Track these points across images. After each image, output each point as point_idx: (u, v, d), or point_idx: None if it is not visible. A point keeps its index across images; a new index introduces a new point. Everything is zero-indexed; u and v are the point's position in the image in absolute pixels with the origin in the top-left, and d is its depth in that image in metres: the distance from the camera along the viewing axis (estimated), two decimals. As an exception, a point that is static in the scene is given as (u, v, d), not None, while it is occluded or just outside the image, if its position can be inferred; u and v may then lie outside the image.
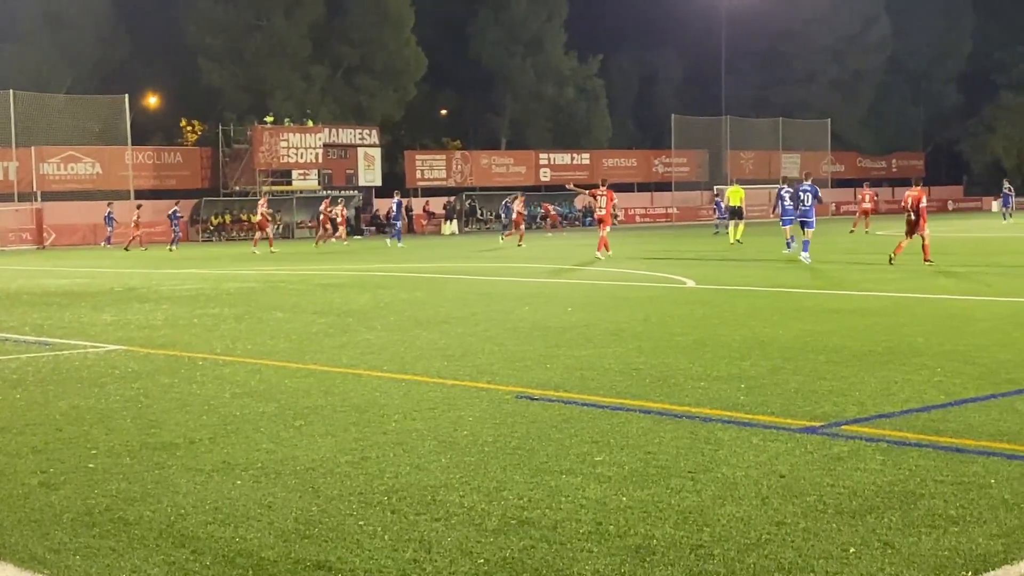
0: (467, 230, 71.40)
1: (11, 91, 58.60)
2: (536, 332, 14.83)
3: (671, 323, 15.66)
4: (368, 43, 73.71)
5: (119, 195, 60.35)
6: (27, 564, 5.76)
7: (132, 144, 63.25)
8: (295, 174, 68.07)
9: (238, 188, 67.53)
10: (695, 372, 11.17)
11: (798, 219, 31.15)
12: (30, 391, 11.02)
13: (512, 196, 64.41)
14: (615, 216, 37.85)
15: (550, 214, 67.85)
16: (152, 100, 79.34)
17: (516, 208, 47.15)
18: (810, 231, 30.31)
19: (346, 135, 71.19)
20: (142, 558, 5.79)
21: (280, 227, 63.35)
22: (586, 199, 70.43)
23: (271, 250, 44.08)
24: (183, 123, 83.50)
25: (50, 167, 61.97)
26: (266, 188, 64.23)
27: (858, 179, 75.38)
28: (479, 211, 74.45)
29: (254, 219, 65.06)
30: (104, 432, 8.94)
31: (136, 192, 61.83)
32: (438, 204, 72.55)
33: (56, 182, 62.37)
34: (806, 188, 31.18)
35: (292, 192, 67.96)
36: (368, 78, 74.92)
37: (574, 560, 5.61)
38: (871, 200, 51.47)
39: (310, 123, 69.73)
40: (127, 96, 62.24)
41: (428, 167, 75.33)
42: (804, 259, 28.93)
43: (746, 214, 42.91)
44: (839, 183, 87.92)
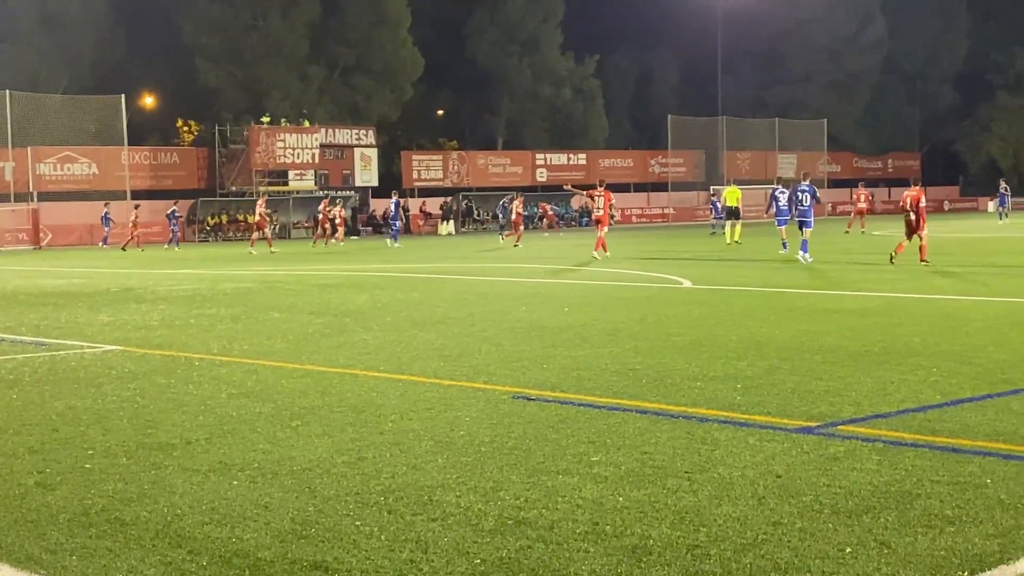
0: (464, 230, 71.41)
1: (7, 91, 58.60)
2: (533, 332, 14.83)
3: (668, 323, 15.67)
4: (365, 43, 73.70)
5: (115, 195, 60.28)
6: (23, 564, 5.76)
7: (128, 144, 63.24)
8: (291, 174, 68.03)
9: (235, 188, 67.50)
10: (691, 372, 11.18)
11: (796, 219, 31.14)
12: (26, 391, 11.02)
13: (510, 196, 64.44)
14: (611, 217, 37.88)
15: (547, 214, 67.89)
16: (148, 100, 79.28)
17: (515, 208, 47.15)
18: (808, 231, 30.30)
19: (343, 135, 71.14)
20: (138, 558, 5.79)
21: (276, 227, 63.33)
22: (582, 200, 70.58)
23: (271, 250, 44.08)
24: (180, 123, 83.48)
25: (46, 167, 61.95)
26: (264, 188, 64.21)
27: (854, 179, 75.36)
28: (476, 211, 74.46)
29: (251, 219, 65.26)
30: (101, 432, 8.93)
31: (132, 192, 61.78)
32: (435, 204, 72.55)
33: (52, 182, 62.34)
34: (804, 188, 31.18)
35: (288, 192, 67.95)
36: (365, 78, 74.89)
37: (571, 560, 5.61)
38: (866, 200, 51.45)
39: (307, 123, 69.73)
40: (123, 96, 62.19)
41: (425, 167, 75.32)
42: (803, 259, 28.94)
43: (743, 214, 42.81)
44: (835, 183, 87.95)
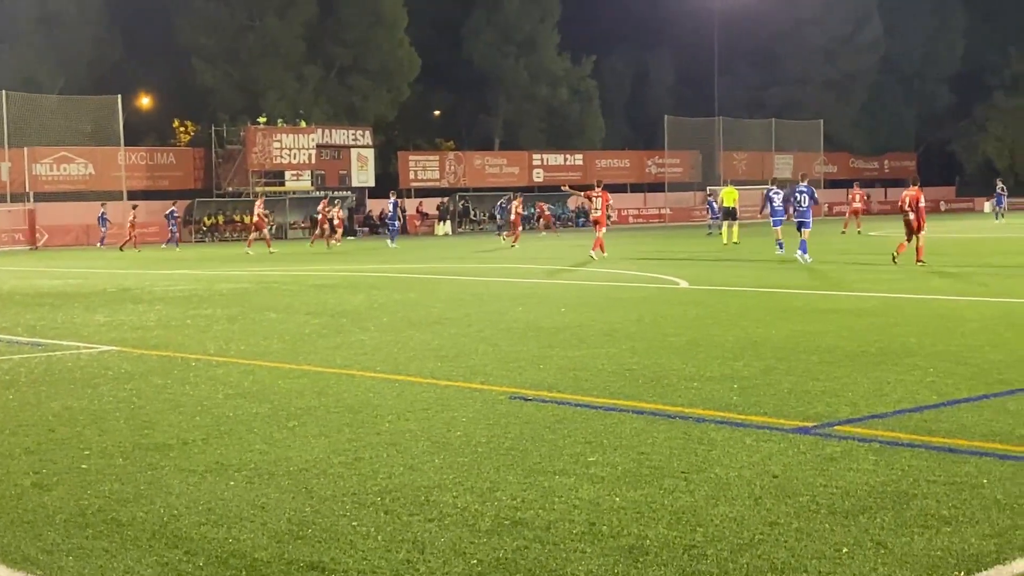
0: (460, 231, 71.43)
1: (4, 91, 58.58)
2: (530, 333, 14.83)
3: (664, 324, 15.67)
4: (361, 43, 73.68)
5: (112, 196, 60.25)
6: (20, 565, 5.76)
7: (125, 145, 63.20)
8: (288, 175, 68.02)
9: (231, 189, 67.49)
10: (688, 372, 11.18)
11: (795, 220, 31.07)
12: (23, 392, 11.01)
13: (507, 196, 64.49)
14: (608, 217, 37.90)
15: (543, 214, 67.96)
16: (145, 101, 79.24)
17: (515, 208, 47.21)
18: (807, 231, 30.23)
19: (339, 136, 71.11)
20: (135, 559, 5.79)
21: (273, 228, 63.33)
22: (579, 200, 70.57)
23: (269, 251, 44.09)
24: (176, 124, 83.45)
25: (43, 168, 61.92)
26: (263, 189, 64.20)
27: (851, 180, 75.44)
28: (472, 212, 74.47)
29: (247, 220, 65.25)
30: (97, 433, 8.93)
31: (129, 193, 61.76)
32: (431, 205, 72.53)
33: (49, 183, 62.31)
34: (802, 189, 31.14)
35: (284, 193, 67.92)
36: (361, 78, 74.87)
37: (567, 561, 5.61)
38: (861, 200, 51.46)
39: (303, 124, 69.71)
40: (120, 96, 62.16)
41: (421, 168, 75.33)
42: (802, 259, 28.94)
43: (740, 215, 42.83)
44: (832, 184, 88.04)
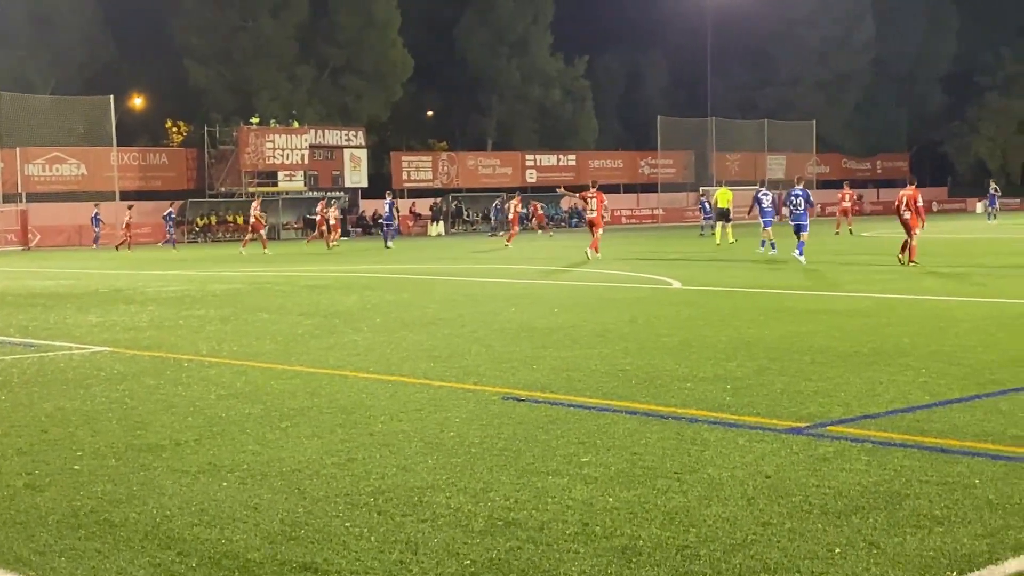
0: (453, 231, 71.43)
1: (-4, 92, 58.57)
2: (523, 333, 14.83)
3: (657, 324, 15.68)
4: (354, 44, 73.69)
5: (104, 196, 60.30)
6: (12, 566, 5.75)
7: (117, 145, 63.11)
8: (281, 175, 68.01)
9: (224, 189, 67.46)
10: (681, 373, 11.18)
11: (791, 223, 30.92)
12: (15, 392, 10.99)
13: (502, 196, 64.68)
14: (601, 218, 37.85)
15: (536, 213, 67.98)
16: (137, 101, 79.20)
17: (514, 207, 47.30)
18: (804, 234, 30.14)
19: (332, 136, 71.13)
20: (128, 560, 5.78)
21: (266, 228, 63.26)
22: (571, 201, 70.64)
23: (264, 251, 44.08)
24: (168, 124, 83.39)
25: (35, 168, 61.86)
26: (259, 190, 64.15)
27: (843, 180, 75.53)
28: (465, 212, 74.47)
29: (240, 220, 65.28)
30: (89, 434, 8.92)
31: (121, 193, 61.71)
32: (424, 205, 72.53)
33: (41, 183, 62.24)
34: (797, 192, 31.07)
35: (278, 193, 67.88)
36: (354, 79, 74.88)
37: (560, 561, 5.61)
38: (850, 199, 51.42)
39: (296, 124, 69.66)
40: (112, 97, 62.08)
41: (414, 168, 75.33)
42: (798, 259, 28.94)
43: (733, 216, 42.80)
44: (824, 184, 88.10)
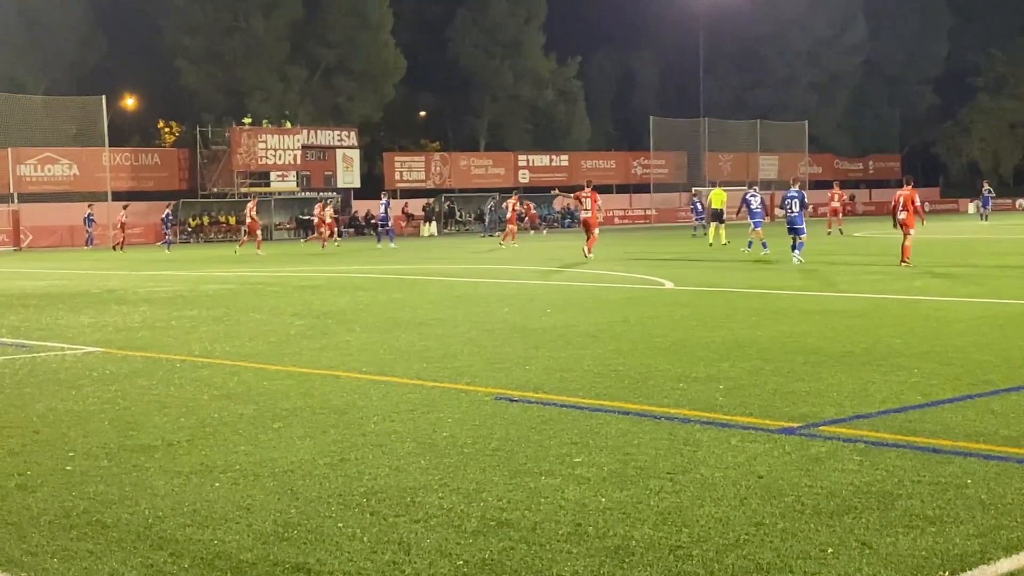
0: (446, 231, 71.41)
1: (-12, 92, 58.47)
2: (515, 334, 14.83)
3: (650, 324, 15.69)
4: (346, 44, 73.64)
5: (96, 197, 60.25)
6: (4, 567, 5.74)
7: (109, 146, 63.02)
8: (273, 176, 67.96)
9: (216, 190, 67.39)
10: (674, 373, 11.19)
11: (787, 226, 30.91)
12: (7, 393, 10.97)
13: (494, 197, 64.69)
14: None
15: (529, 213, 68.08)
16: (129, 101, 79.09)
17: (512, 206, 47.41)
18: (803, 236, 30.14)
19: (324, 137, 71.06)
20: (120, 561, 5.77)
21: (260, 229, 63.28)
22: (564, 201, 70.63)
23: (257, 252, 44.04)
24: (161, 124, 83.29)
25: (27, 168, 61.75)
26: (255, 191, 64.07)
27: (833, 181, 75.58)
28: (458, 213, 74.45)
29: (231, 220, 65.23)
30: (82, 434, 8.91)
31: (114, 194, 61.63)
32: (417, 206, 72.48)
33: (33, 184, 62.13)
34: (793, 195, 31.06)
35: (270, 194, 67.80)
36: (346, 79, 74.83)
37: (553, 561, 5.61)
38: (840, 200, 51.40)
39: (288, 124, 69.61)
40: (104, 97, 61.97)
41: (407, 169, 75.29)
42: (796, 259, 28.99)
43: (727, 217, 42.80)
44: (816, 185, 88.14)
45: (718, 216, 42.27)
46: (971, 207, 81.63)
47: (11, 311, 20.19)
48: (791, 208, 30.65)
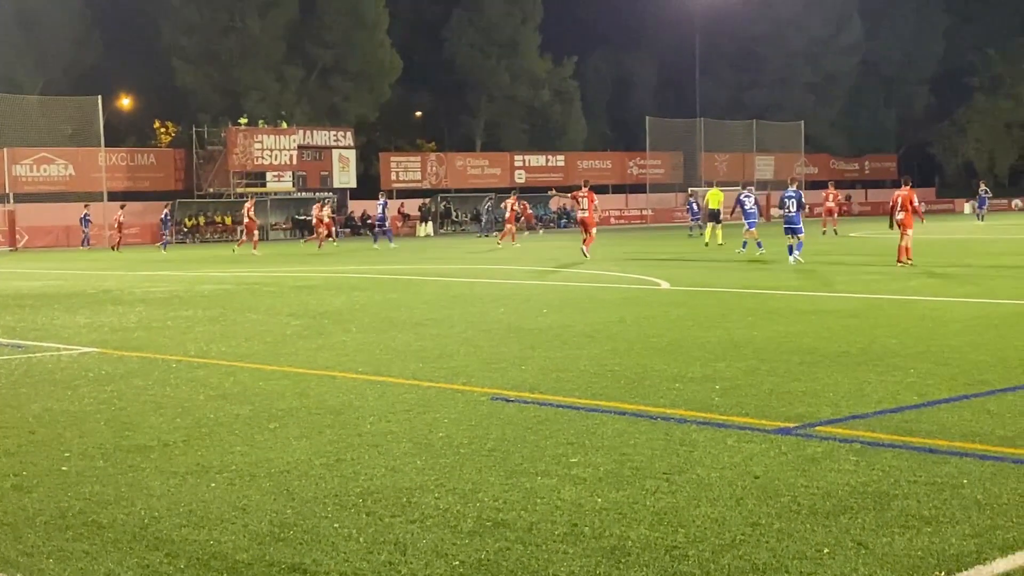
0: (442, 232, 71.39)
1: (-17, 92, 58.40)
2: (511, 334, 14.83)
3: (646, 325, 15.69)
4: (342, 45, 73.58)
5: (92, 197, 60.22)
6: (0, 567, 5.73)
7: (105, 146, 62.95)
8: (269, 176, 67.91)
9: (212, 190, 67.35)
10: (670, 373, 11.19)
11: (784, 226, 30.91)
12: (2, 394, 10.96)
13: (491, 197, 64.65)
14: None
15: (526, 213, 68.12)
16: (125, 102, 79.00)
17: (510, 206, 47.47)
18: (801, 235, 30.15)
19: (320, 137, 71.02)
20: (116, 561, 5.77)
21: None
22: (560, 201, 70.66)
23: (254, 252, 44.02)
24: (157, 125, 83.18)
25: (23, 169, 61.69)
26: (252, 191, 64.02)
27: (827, 181, 75.56)
28: (454, 213, 74.43)
29: (227, 220, 65.19)
30: (77, 435, 8.90)
31: (109, 194, 61.59)
32: (413, 206, 72.45)
33: (29, 184, 62.07)
34: (790, 195, 31.05)
35: (267, 194, 67.76)
36: (342, 80, 74.78)
37: (549, 562, 5.61)
38: (835, 199, 51.36)
39: (284, 125, 69.56)
40: (100, 97, 61.90)
41: (403, 169, 75.26)
42: (795, 259, 28.99)
43: (724, 217, 42.79)
44: (812, 185, 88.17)
45: (715, 216, 42.28)
46: (967, 207, 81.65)
47: (7, 311, 20.17)
48: (789, 208, 30.65)
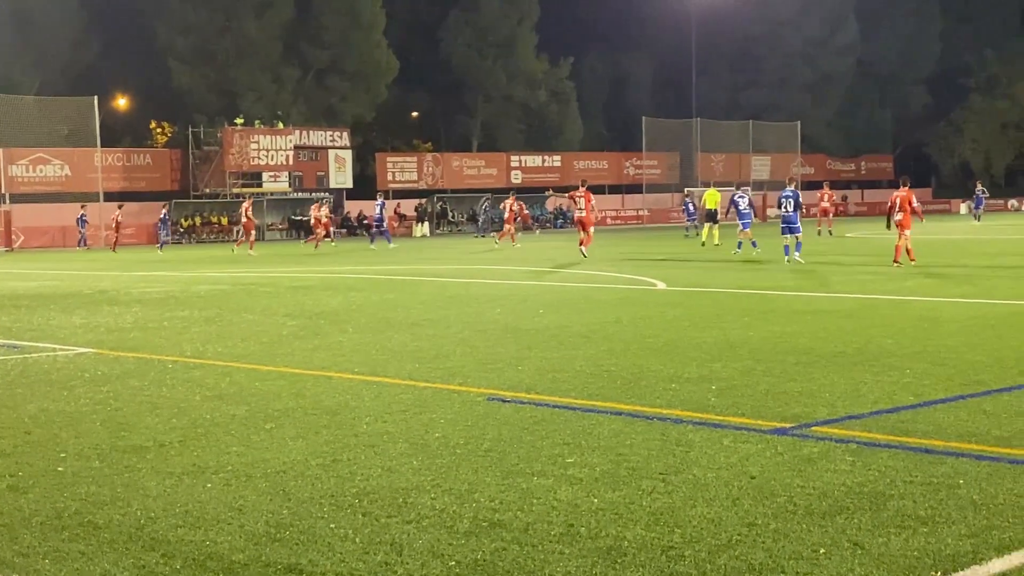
0: (439, 232, 71.36)
1: (-21, 92, 58.34)
2: (508, 334, 14.83)
3: (642, 325, 15.69)
4: (339, 45, 73.57)
5: (88, 197, 60.21)
6: (-5, 569, 5.73)
7: (101, 146, 62.92)
8: (265, 176, 67.90)
9: (208, 190, 67.32)
10: (666, 374, 11.19)
11: (782, 226, 30.92)
12: (-2, 394, 10.96)
13: (487, 197, 64.65)
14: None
15: (522, 213, 68.13)
16: (121, 102, 78.94)
17: (509, 206, 47.50)
18: (799, 235, 30.17)
19: (317, 137, 71.01)
20: (112, 562, 5.76)
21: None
22: (557, 202, 70.66)
23: (250, 252, 44.00)
24: (153, 125, 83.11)
25: (19, 169, 61.66)
26: (247, 191, 63.98)
27: (823, 181, 75.59)
28: (451, 213, 74.42)
29: (223, 221, 65.15)
30: (73, 435, 8.89)
31: (106, 194, 61.56)
32: (409, 206, 72.44)
33: (25, 184, 62.04)
34: (788, 195, 31.08)
35: (263, 194, 67.73)
36: (339, 80, 74.76)
37: (545, 562, 5.61)
38: (830, 200, 51.34)
39: (280, 125, 69.53)
40: (96, 98, 61.88)
41: (399, 169, 75.25)
42: (797, 259, 29.05)
43: (720, 217, 42.80)
44: (808, 185, 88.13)
45: (712, 217, 42.30)
46: (963, 207, 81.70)
47: (3, 312, 20.15)
48: (786, 208, 30.69)
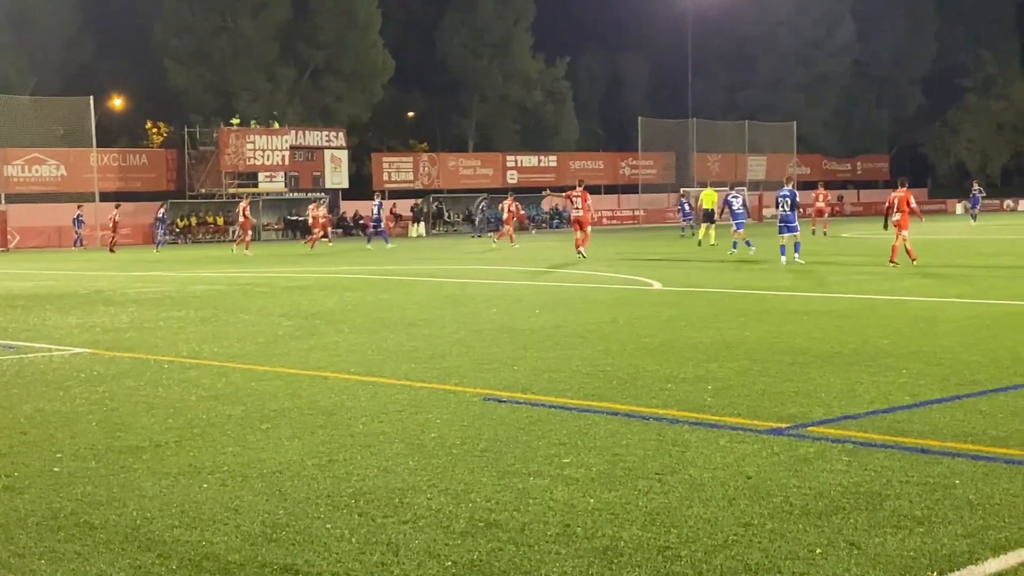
0: (434, 232, 71.35)
1: (-26, 92, 58.27)
2: (504, 334, 14.83)
3: (638, 325, 15.69)
4: (335, 45, 73.54)
5: (84, 197, 60.15)
6: (-9, 569, 5.73)
7: (97, 146, 62.88)
8: (261, 176, 67.88)
9: (204, 190, 67.29)
10: (662, 374, 11.19)
11: (779, 225, 30.94)
12: (-6, 395, 10.94)
13: (484, 197, 64.67)
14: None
15: (519, 213, 68.10)
16: (117, 102, 78.85)
17: (507, 207, 47.57)
18: (797, 234, 30.21)
19: (313, 137, 70.98)
20: (108, 562, 5.76)
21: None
22: (553, 202, 70.66)
23: (245, 252, 44.00)
24: (148, 125, 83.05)
25: (14, 169, 61.60)
26: (243, 191, 63.96)
27: (817, 182, 75.65)
28: (446, 213, 74.41)
29: (219, 221, 65.11)
30: (69, 436, 8.88)
31: (101, 195, 61.51)
32: (405, 207, 72.43)
33: (20, 184, 61.98)
34: (785, 194, 31.09)
35: (259, 194, 67.71)
36: (335, 80, 74.72)
37: (542, 562, 5.61)
38: (824, 200, 51.36)
39: (276, 125, 69.50)
40: (92, 98, 61.84)
41: (395, 169, 75.24)
42: (788, 258, 29.08)
43: (717, 217, 42.80)
44: (804, 185, 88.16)
45: (709, 217, 42.32)
46: (959, 207, 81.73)
47: (-2, 312, 20.14)
48: (783, 207, 30.71)
